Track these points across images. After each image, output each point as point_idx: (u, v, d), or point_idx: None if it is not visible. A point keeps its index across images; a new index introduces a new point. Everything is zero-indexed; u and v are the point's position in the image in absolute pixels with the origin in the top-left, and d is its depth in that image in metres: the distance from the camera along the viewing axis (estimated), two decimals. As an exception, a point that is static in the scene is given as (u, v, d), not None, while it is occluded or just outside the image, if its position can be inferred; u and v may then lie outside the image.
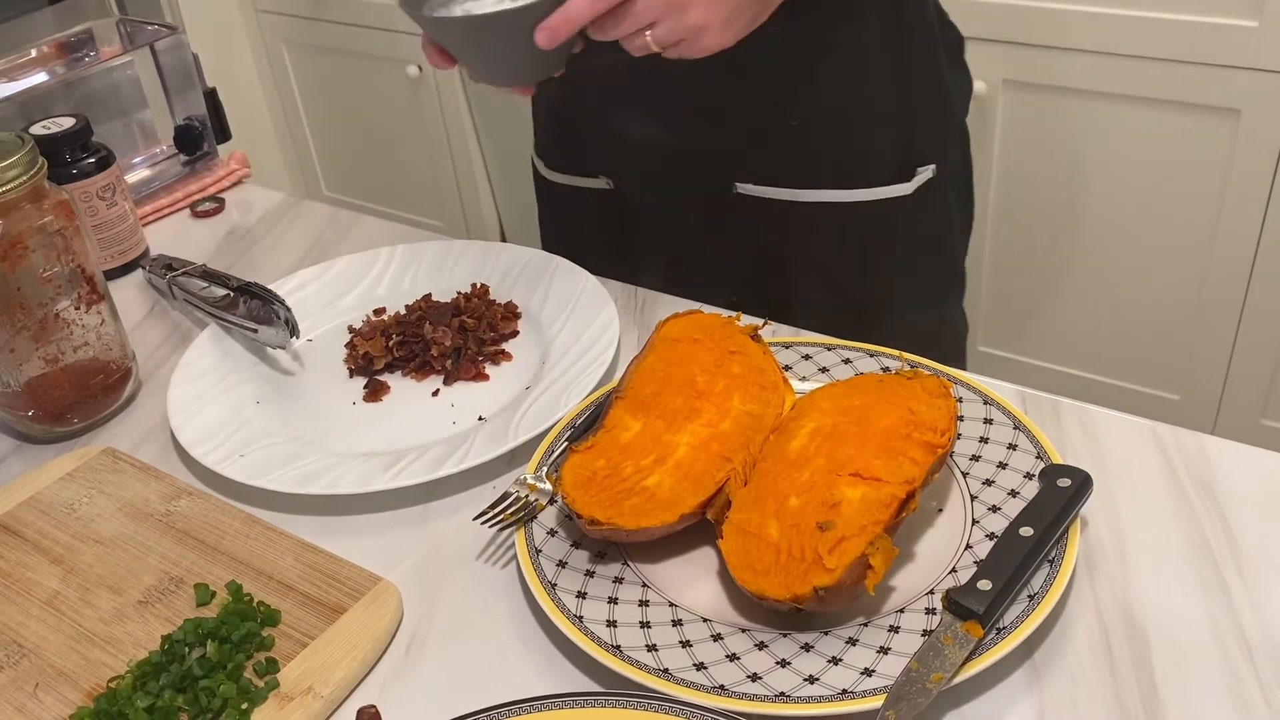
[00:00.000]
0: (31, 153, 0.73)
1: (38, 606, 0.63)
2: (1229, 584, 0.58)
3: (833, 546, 0.56)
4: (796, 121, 0.91)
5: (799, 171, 0.93)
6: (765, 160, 0.93)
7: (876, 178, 0.93)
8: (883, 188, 0.93)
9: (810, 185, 0.93)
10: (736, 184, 0.94)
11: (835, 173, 0.93)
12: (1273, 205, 1.66)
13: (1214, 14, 1.58)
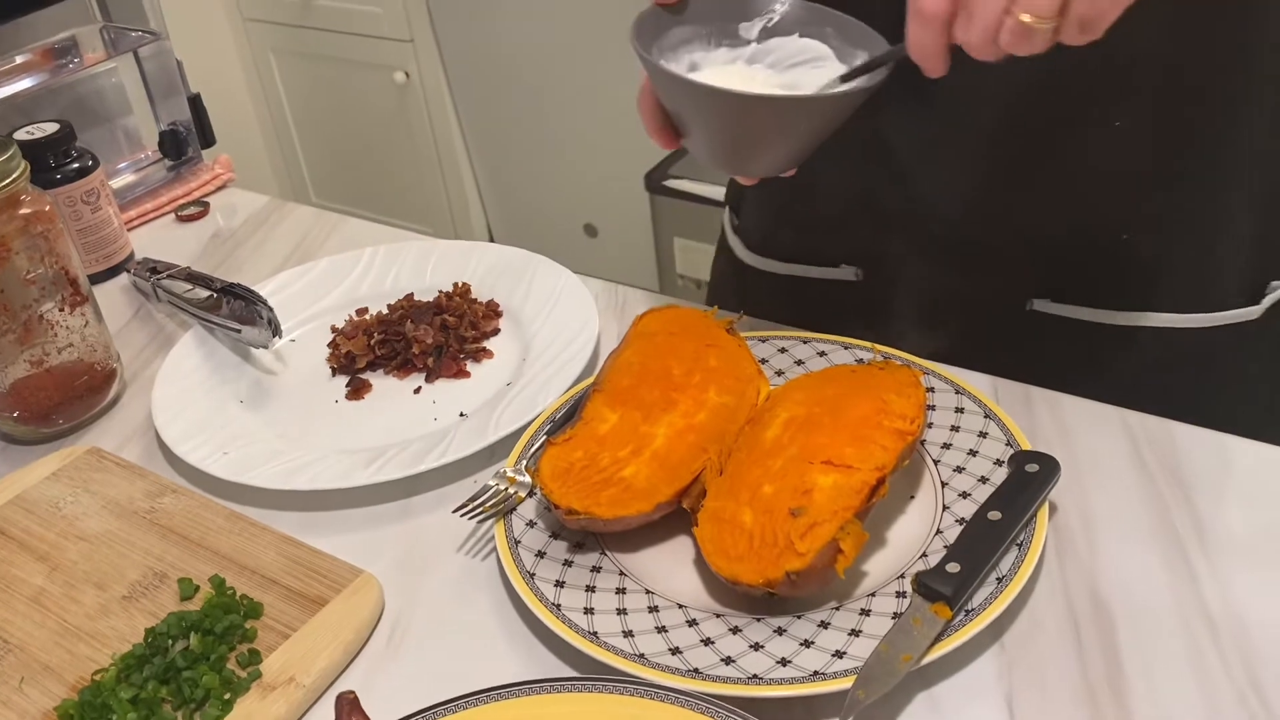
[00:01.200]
0: (14, 156, 0.74)
1: (23, 603, 0.64)
2: (1194, 565, 0.59)
3: (804, 532, 0.57)
4: (1129, 235, 0.74)
5: (1120, 292, 0.76)
6: (1078, 276, 0.76)
7: (1218, 301, 0.76)
8: (1224, 312, 0.76)
9: (1132, 308, 0.76)
10: (1033, 300, 0.78)
11: (1167, 295, 0.75)
12: None
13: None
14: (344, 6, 2.45)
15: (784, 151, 0.64)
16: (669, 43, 0.67)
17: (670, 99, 0.64)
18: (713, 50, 0.68)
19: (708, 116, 0.63)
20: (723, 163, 0.66)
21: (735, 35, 0.68)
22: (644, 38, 0.64)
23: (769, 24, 0.68)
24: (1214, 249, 0.75)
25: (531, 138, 2.36)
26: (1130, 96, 0.69)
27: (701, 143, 0.65)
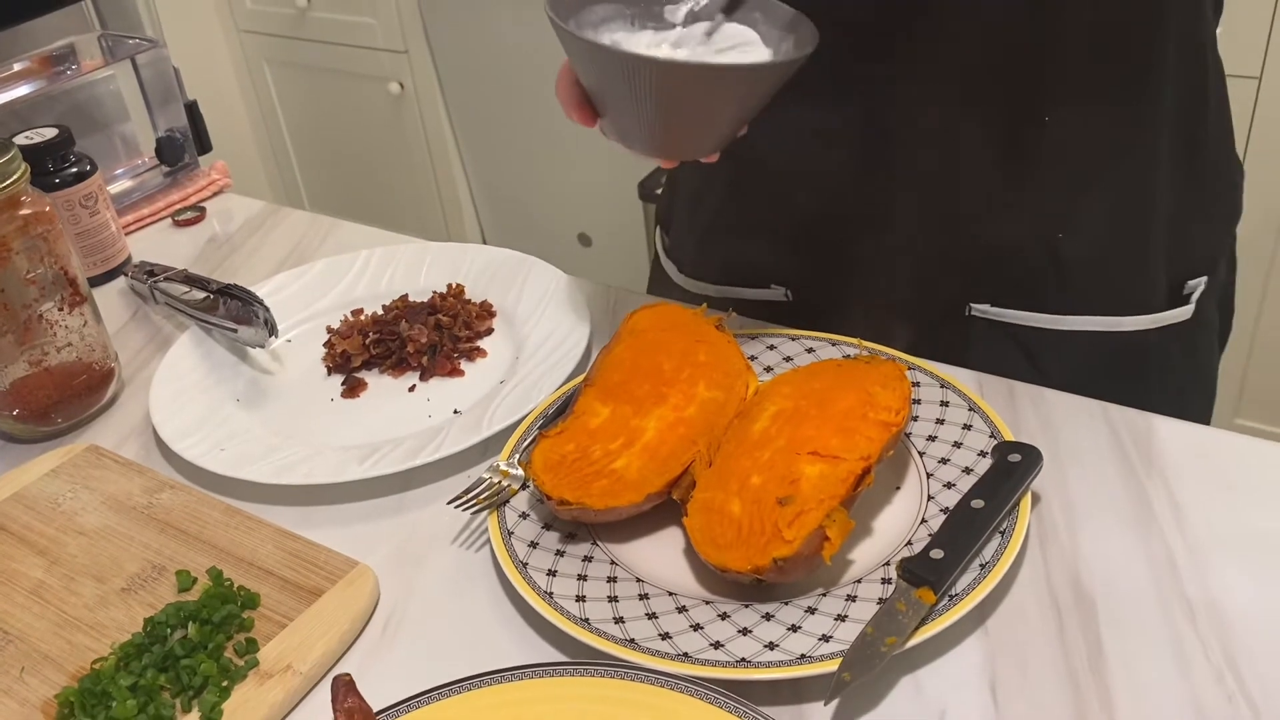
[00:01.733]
0: (14, 159, 0.75)
1: (23, 595, 0.65)
2: (1173, 552, 0.60)
3: (791, 520, 0.58)
4: (1063, 234, 0.77)
5: (1056, 295, 0.79)
6: (1015, 280, 0.79)
7: (1147, 303, 0.79)
8: (1157, 314, 0.80)
9: (1069, 311, 0.79)
10: (972, 305, 0.81)
11: (1101, 297, 0.79)
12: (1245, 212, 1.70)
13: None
14: (339, 18, 2.47)
15: (706, 128, 0.63)
16: (589, 19, 0.66)
17: (589, 73, 0.63)
18: (636, 32, 0.68)
19: (629, 87, 0.61)
20: (642, 141, 0.65)
21: (660, 18, 0.68)
22: (561, 11, 0.63)
23: (695, 8, 0.68)
24: (1141, 249, 0.78)
25: (525, 148, 2.38)
26: (1059, 97, 0.72)
27: (621, 120, 0.64)
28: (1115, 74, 0.73)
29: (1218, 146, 0.81)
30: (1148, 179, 0.76)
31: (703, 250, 0.92)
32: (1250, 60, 1.60)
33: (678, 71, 0.60)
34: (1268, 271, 1.73)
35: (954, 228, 0.78)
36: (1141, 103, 0.74)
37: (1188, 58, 0.74)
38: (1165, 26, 0.72)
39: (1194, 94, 0.76)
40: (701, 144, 0.66)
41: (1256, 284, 1.75)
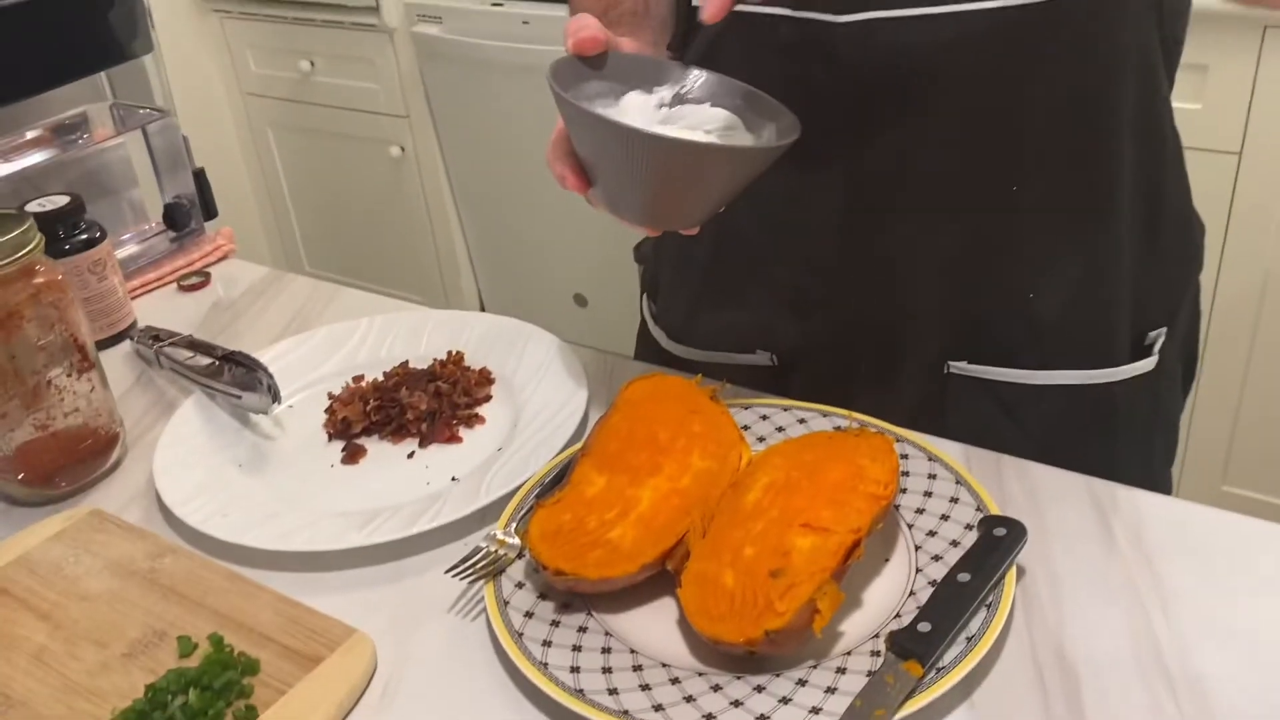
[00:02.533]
0: (30, 229, 0.77)
1: (25, 660, 0.66)
2: (1154, 625, 0.62)
3: (783, 592, 0.60)
4: (1033, 294, 0.81)
5: (1030, 351, 0.83)
6: (990, 338, 0.83)
7: (1113, 356, 0.84)
8: (1122, 367, 0.84)
9: (1041, 366, 0.83)
10: (950, 363, 0.84)
11: (1070, 352, 0.83)
12: (1223, 276, 1.73)
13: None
14: (342, 83, 2.52)
15: (694, 203, 0.67)
16: (585, 92, 0.70)
17: (586, 143, 0.67)
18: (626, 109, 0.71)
19: (626, 159, 0.64)
20: (631, 210, 0.68)
21: (650, 96, 0.72)
22: (562, 82, 0.67)
23: (682, 91, 0.72)
24: (1106, 306, 0.82)
25: (522, 211, 2.41)
26: (1027, 165, 0.77)
27: (613, 189, 0.67)
28: (1078, 144, 0.77)
29: (1176, 204, 0.86)
30: (1112, 239, 0.81)
31: (690, 317, 0.95)
32: (1231, 137, 1.65)
33: (674, 148, 0.63)
34: (1251, 339, 1.76)
35: (929, 292, 0.82)
36: (1103, 170, 0.78)
37: (1145, 124, 0.79)
38: (1123, 98, 0.77)
39: (1152, 158, 0.81)
40: (688, 217, 0.70)
41: (1241, 351, 1.78)
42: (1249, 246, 1.69)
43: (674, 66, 0.73)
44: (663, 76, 0.72)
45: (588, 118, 0.64)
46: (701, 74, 0.72)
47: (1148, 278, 0.83)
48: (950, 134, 0.76)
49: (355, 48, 2.44)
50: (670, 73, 0.73)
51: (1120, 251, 0.81)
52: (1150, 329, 0.85)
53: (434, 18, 2.29)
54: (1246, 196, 1.67)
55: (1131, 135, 0.78)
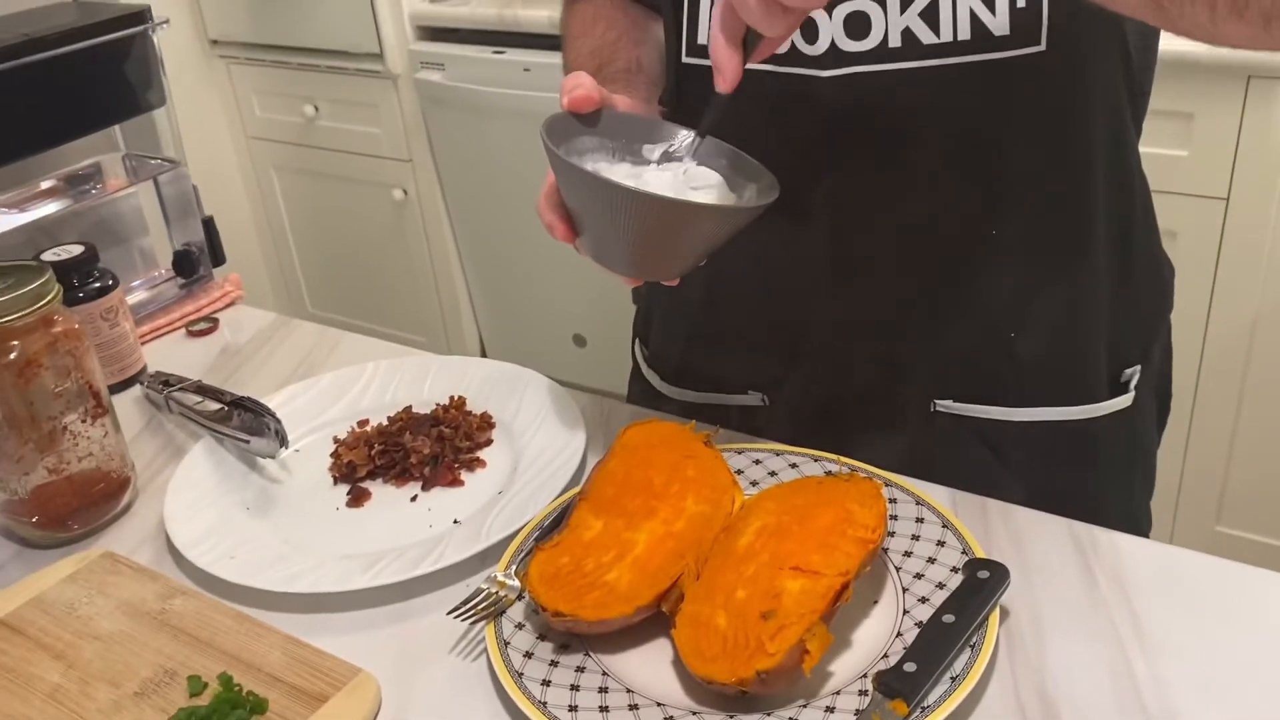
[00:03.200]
0: (49, 281, 0.80)
1: (40, 699, 0.68)
2: (1133, 665, 0.64)
3: (774, 633, 0.62)
4: (1014, 334, 0.84)
5: (1013, 390, 0.86)
6: (975, 377, 0.86)
7: (1092, 393, 0.87)
8: (1101, 403, 0.87)
9: (1024, 404, 0.86)
10: (936, 402, 0.87)
11: (1051, 390, 0.86)
12: (1213, 318, 1.76)
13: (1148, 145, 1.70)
14: (346, 127, 2.56)
15: (675, 256, 0.71)
16: (577, 148, 0.74)
17: (575, 196, 0.70)
18: (616, 164, 0.75)
19: (611, 214, 0.68)
20: (616, 261, 0.71)
21: (638, 154, 0.76)
22: (554, 137, 0.70)
23: (670, 149, 0.75)
24: (1084, 345, 0.86)
25: (523, 253, 2.45)
26: (1005, 211, 0.80)
27: (599, 240, 0.71)
28: (1054, 189, 0.81)
29: (1146, 248, 0.90)
30: (1087, 281, 0.84)
31: (682, 360, 0.98)
32: (1218, 183, 1.68)
33: (655, 204, 0.67)
34: (1242, 381, 1.79)
35: (914, 334, 0.85)
36: (1079, 214, 0.82)
37: (1115, 171, 0.83)
38: (1095, 145, 0.81)
39: (1123, 203, 0.85)
40: (668, 269, 0.73)
41: (1232, 393, 1.80)
42: (1238, 289, 1.73)
43: (664, 125, 0.77)
44: (653, 135, 0.76)
45: (576, 172, 0.68)
46: (689, 134, 0.75)
47: (1122, 317, 0.87)
48: (931, 181, 0.80)
49: (359, 93, 2.49)
50: (660, 131, 0.76)
51: (1096, 292, 0.85)
52: (1126, 366, 0.89)
53: (437, 64, 2.34)
54: (1234, 241, 1.70)
55: (1103, 181, 0.82)
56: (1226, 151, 1.66)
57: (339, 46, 2.44)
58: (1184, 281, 1.72)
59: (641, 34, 0.90)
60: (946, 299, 0.84)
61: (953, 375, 0.86)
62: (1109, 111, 0.81)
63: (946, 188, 0.80)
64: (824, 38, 0.76)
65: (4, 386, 0.79)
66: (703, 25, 0.82)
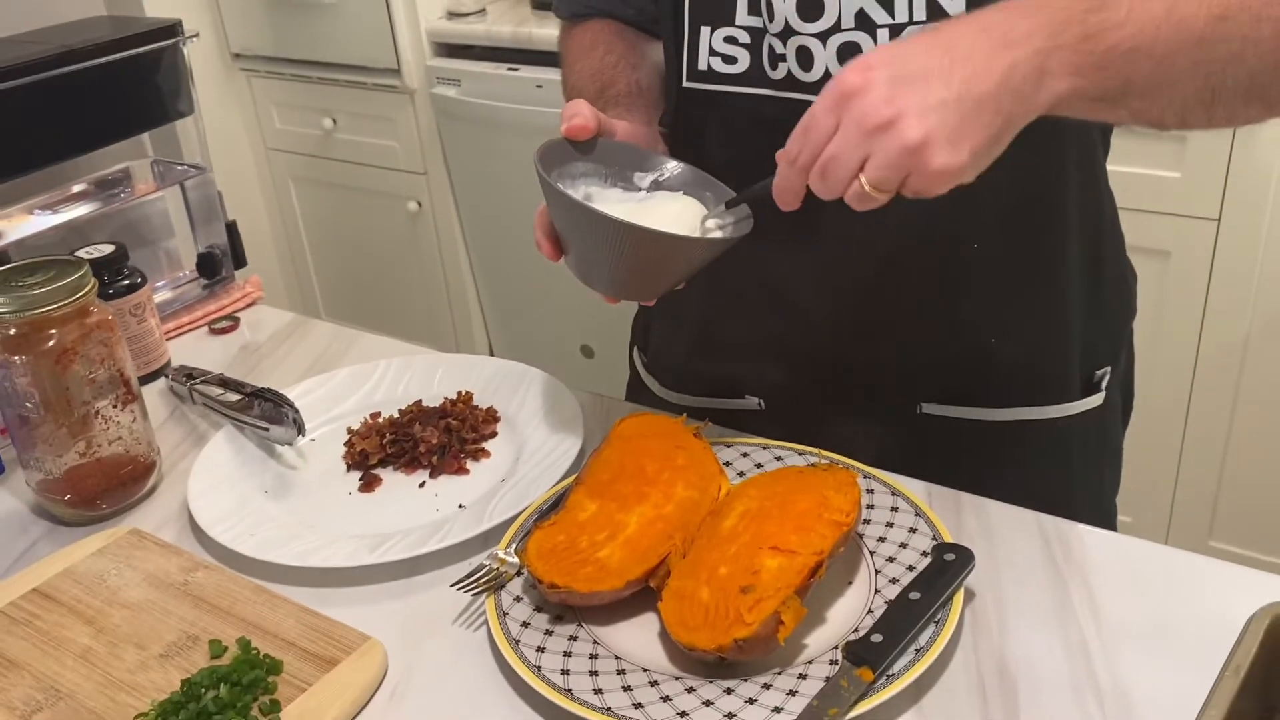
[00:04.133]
0: (86, 274, 0.86)
1: (72, 659, 0.73)
2: (1089, 645, 0.69)
3: (752, 606, 0.67)
4: (995, 339, 0.89)
5: (994, 391, 0.90)
6: (958, 380, 0.90)
7: (1067, 393, 0.92)
8: (1075, 402, 0.92)
9: (1005, 404, 0.91)
10: (922, 404, 0.92)
11: (1030, 391, 0.91)
12: (1205, 338, 1.81)
13: (1143, 167, 1.74)
14: (363, 140, 2.63)
15: (654, 281, 0.76)
16: (571, 171, 0.79)
17: (563, 221, 0.76)
18: (608, 189, 0.81)
19: (595, 240, 0.73)
20: (599, 282, 0.77)
21: (630, 180, 0.82)
22: (548, 160, 0.76)
23: (660, 178, 0.82)
24: (1059, 348, 0.91)
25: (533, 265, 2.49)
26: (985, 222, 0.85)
27: (583, 262, 0.76)
28: (1031, 205, 0.86)
29: (1114, 257, 0.95)
30: (1061, 289, 0.90)
31: (682, 368, 1.03)
32: (1209, 204, 1.73)
33: (634, 233, 0.71)
34: (1234, 399, 1.83)
35: (902, 341, 0.90)
36: (1053, 228, 0.87)
37: (1087, 188, 0.88)
38: (1067, 163, 0.86)
39: (1093, 214, 0.90)
40: (647, 292, 0.79)
41: (1224, 413, 1.84)
42: (1229, 309, 1.77)
43: (655, 156, 0.83)
44: (645, 164, 0.82)
45: (562, 198, 0.73)
46: (679, 165, 0.82)
47: (1094, 322, 0.93)
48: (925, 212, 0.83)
49: (376, 107, 2.56)
50: (651, 161, 0.82)
51: (1070, 299, 0.90)
52: (1098, 368, 0.95)
53: (453, 80, 2.40)
54: (1225, 261, 1.75)
55: (1074, 192, 0.87)
56: (1218, 173, 1.71)
57: (357, 61, 2.51)
58: (1176, 301, 1.78)
59: (639, 58, 0.95)
60: (932, 308, 0.89)
61: (937, 379, 0.91)
62: (1079, 129, 0.86)
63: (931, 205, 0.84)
64: (819, 66, 0.80)
65: (41, 372, 0.84)
66: (702, 52, 0.86)
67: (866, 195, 0.63)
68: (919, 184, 0.62)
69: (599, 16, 0.99)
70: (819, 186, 0.65)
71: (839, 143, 0.62)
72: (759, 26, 0.83)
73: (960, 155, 0.61)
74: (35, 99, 1.12)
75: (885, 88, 0.60)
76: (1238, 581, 0.73)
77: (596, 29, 0.97)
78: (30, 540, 0.89)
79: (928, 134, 0.60)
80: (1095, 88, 0.64)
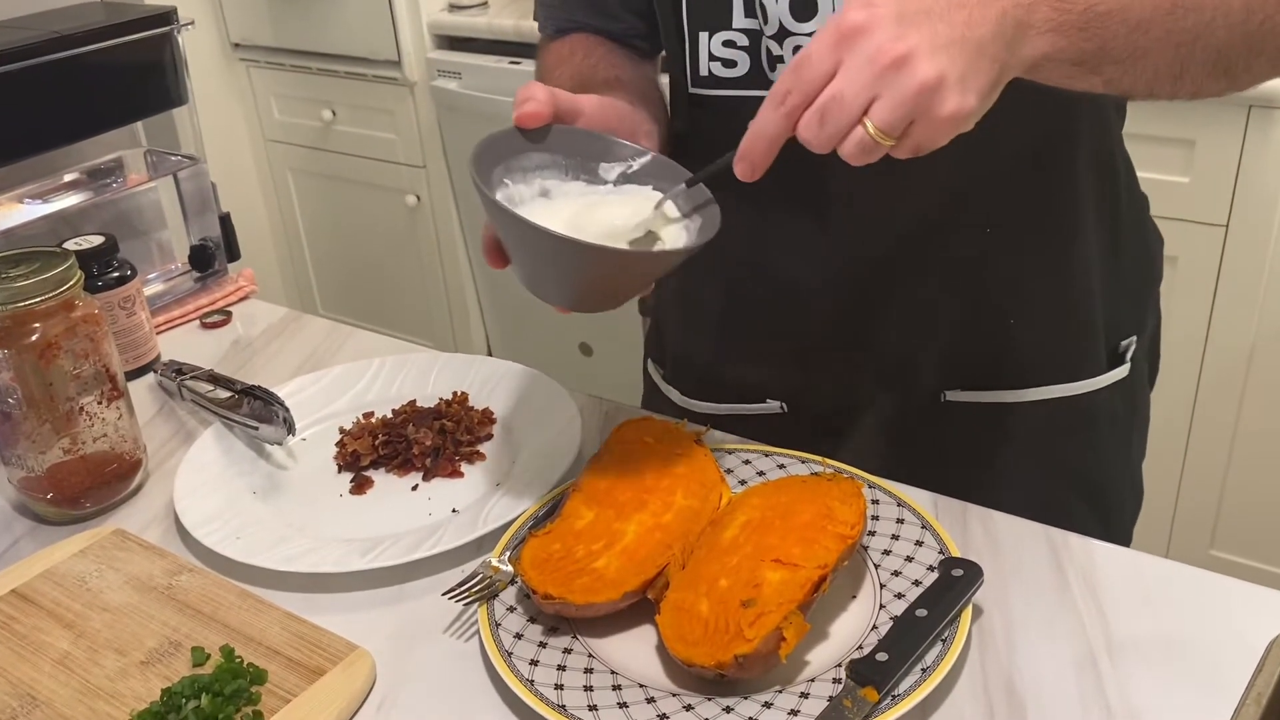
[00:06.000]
0: (71, 266, 0.83)
1: (50, 664, 0.71)
2: (1099, 664, 0.67)
3: (753, 621, 0.64)
4: (1014, 320, 0.88)
5: (1016, 372, 0.89)
6: (980, 364, 0.89)
7: (1093, 367, 0.91)
8: (1100, 376, 0.91)
9: (1028, 384, 0.90)
10: (945, 392, 0.90)
11: (1054, 368, 0.90)
12: (1210, 345, 1.79)
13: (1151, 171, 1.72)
14: (362, 133, 2.60)
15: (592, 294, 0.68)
16: (524, 164, 0.71)
17: (493, 224, 0.68)
18: (568, 182, 0.74)
19: (523, 248, 0.66)
20: (541, 293, 0.69)
21: (594, 173, 0.74)
22: (491, 155, 0.68)
23: (628, 170, 0.74)
24: (1081, 323, 0.90)
25: (533, 261, 2.48)
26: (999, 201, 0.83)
27: (521, 271, 0.68)
28: (1043, 183, 0.84)
29: (1134, 224, 0.93)
30: (1079, 262, 0.88)
31: (703, 376, 1.00)
32: (1218, 210, 1.71)
33: (563, 246, 0.64)
34: (1238, 406, 1.81)
35: (921, 331, 0.88)
36: (1067, 202, 0.85)
37: (1099, 157, 0.87)
38: (1079, 136, 0.84)
39: (1108, 185, 0.88)
40: (598, 306, 0.69)
41: (1228, 418, 1.82)
42: (1235, 317, 1.75)
43: (623, 145, 0.75)
44: (611, 154, 0.74)
45: (491, 205, 0.65)
46: (647, 155, 0.74)
47: (1115, 292, 0.91)
48: (932, 188, 0.83)
49: (376, 99, 2.53)
50: (619, 150, 0.74)
51: (1089, 273, 0.89)
52: (1123, 338, 0.93)
53: (453, 73, 2.38)
54: (1233, 267, 1.73)
55: (1088, 168, 0.86)
56: (1227, 179, 1.69)
57: (358, 53, 2.49)
58: (1183, 306, 1.76)
59: (621, 61, 0.91)
60: (949, 295, 0.87)
61: (959, 365, 0.90)
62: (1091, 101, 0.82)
63: (945, 192, 0.83)
64: None
65: (24, 367, 0.82)
66: (703, 58, 0.84)
67: (870, 142, 0.58)
68: (924, 132, 0.58)
69: (583, 31, 0.94)
70: (814, 133, 0.59)
71: (843, 81, 0.57)
72: (756, 29, 0.81)
73: (969, 99, 0.58)
74: (26, 85, 1.10)
75: (893, 25, 0.57)
76: (1251, 600, 0.71)
77: (576, 40, 0.93)
78: (12, 539, 0.87)
79: (942, 72, 0.56)
80: (1073, 49, 0.63)
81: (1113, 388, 0.93)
